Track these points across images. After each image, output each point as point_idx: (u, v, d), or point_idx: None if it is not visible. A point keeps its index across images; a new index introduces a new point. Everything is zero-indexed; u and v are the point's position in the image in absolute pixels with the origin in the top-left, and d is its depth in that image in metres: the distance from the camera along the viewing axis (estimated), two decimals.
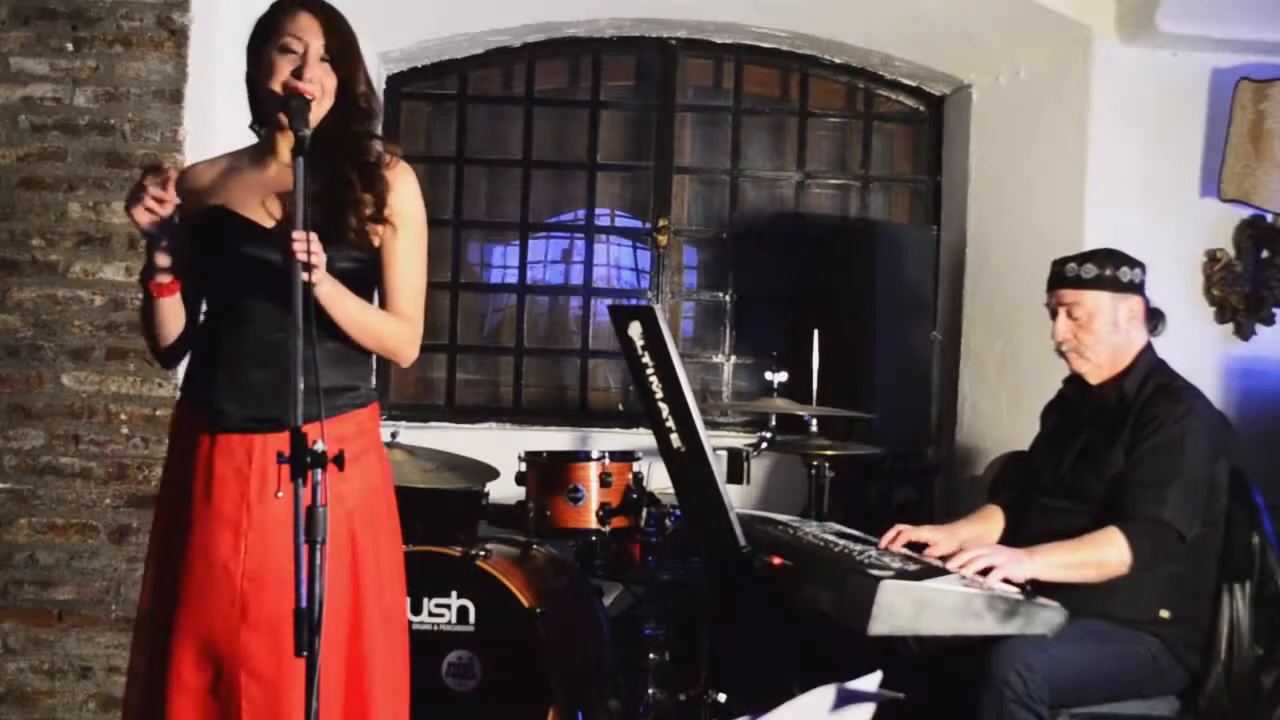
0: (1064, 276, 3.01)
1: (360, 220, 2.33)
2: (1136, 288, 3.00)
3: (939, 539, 3.01)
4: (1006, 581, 2.71)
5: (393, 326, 2.40)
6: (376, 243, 2.38)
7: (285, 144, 2.37)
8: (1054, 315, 3.03)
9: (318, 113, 2.30)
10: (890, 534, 3.03)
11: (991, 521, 3.19)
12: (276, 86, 2.29)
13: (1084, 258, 3.02)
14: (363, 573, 2.34)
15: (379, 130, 2.48)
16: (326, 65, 2.33)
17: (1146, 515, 2.80)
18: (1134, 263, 3.01)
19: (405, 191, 2.41)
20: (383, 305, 2.44)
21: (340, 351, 2.37)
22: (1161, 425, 2.88)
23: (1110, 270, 2.97)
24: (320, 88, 2.30)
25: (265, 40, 2.34)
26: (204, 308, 2.45)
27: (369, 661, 2.34)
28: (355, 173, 2.34)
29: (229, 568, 2.26)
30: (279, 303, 2.16)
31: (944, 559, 2.86)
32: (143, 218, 2.22)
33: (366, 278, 2.41)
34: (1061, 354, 3.05)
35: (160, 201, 2.20)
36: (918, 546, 2.99)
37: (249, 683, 2.24)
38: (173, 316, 2.37)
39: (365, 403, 2.42)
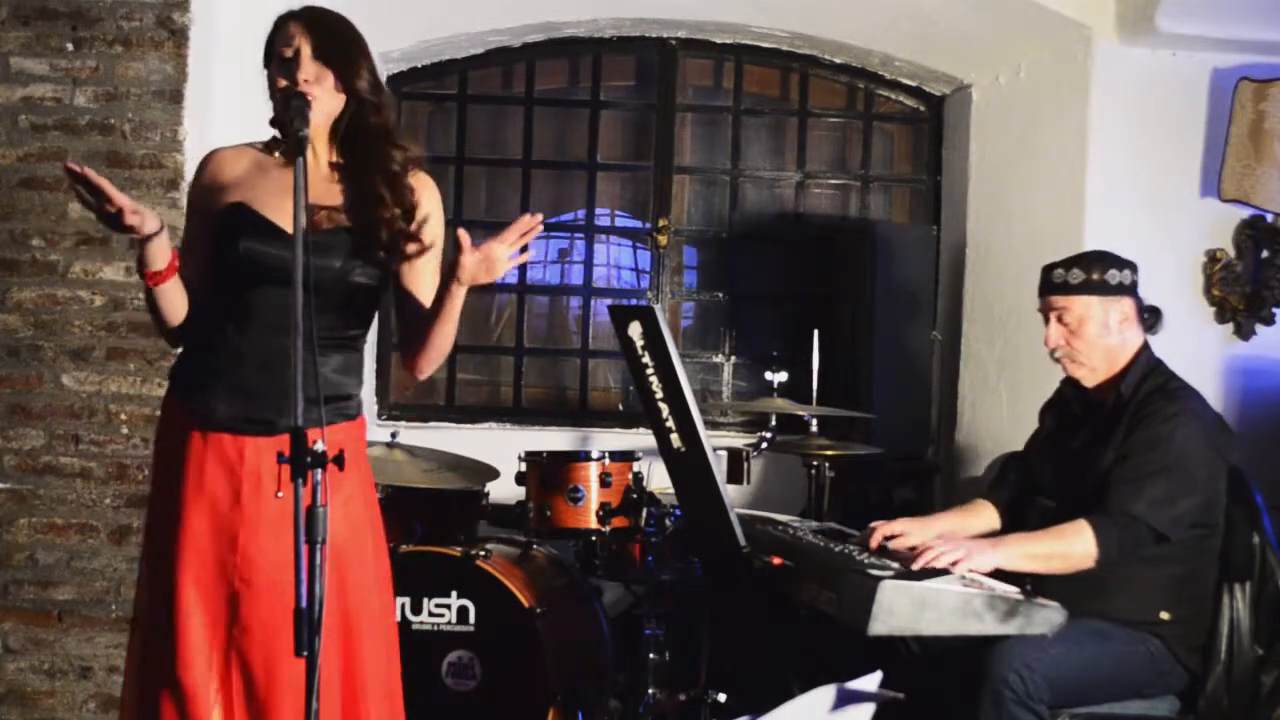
0: (1052, 283, 3.00)
1: (391, 235, 2.33)
2: (1127, 289, 2.99)
3: (913, 529, 3.02)
4: (1005, 580, 2.71)
5: None
6: (407, 254, 2.37)
7: (310, 153, 2.36)
8: (1046, 321, 3.02)
9: (326, 112, 2.32)
10: (866, 533, 3.03)
11: (976, 515, 3.19)
12: (277, 93, 2.32)
13: (1071, 262, 3.00)
14: (350, 579, 2.33)
15: (395, 121, 2.47)
16: (319, 64, 2.33)
17: (1118, 509, 2.79)
18: (1123, 264, 2.99)
19: (435, 209, 2.42)
20: (416, 318, 2.44)
21: (343, 361, 2.40)
22: (1151, 423, 2.87)
23: (1098, 274, 2.96)
24: (319, 87, 2.31)
25: (268, 62, 2.37)
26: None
27: (363, 668, 2.34)
28: (383, 184, 2.35)
29: (225, 567, 2.26)
30: (288, 307, 2.16)
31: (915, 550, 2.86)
32: (125, 220, 2.18)
33: (376, 299, 2.43)
34: (1056, 360, 3.04)
35: (106, 198, 2.14)
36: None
37: (240, 683, 2.25)
38: (176, 300, 2.34)
39: (359, 412, 2.45)
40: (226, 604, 2.26)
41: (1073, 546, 2.78)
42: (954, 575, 2.65)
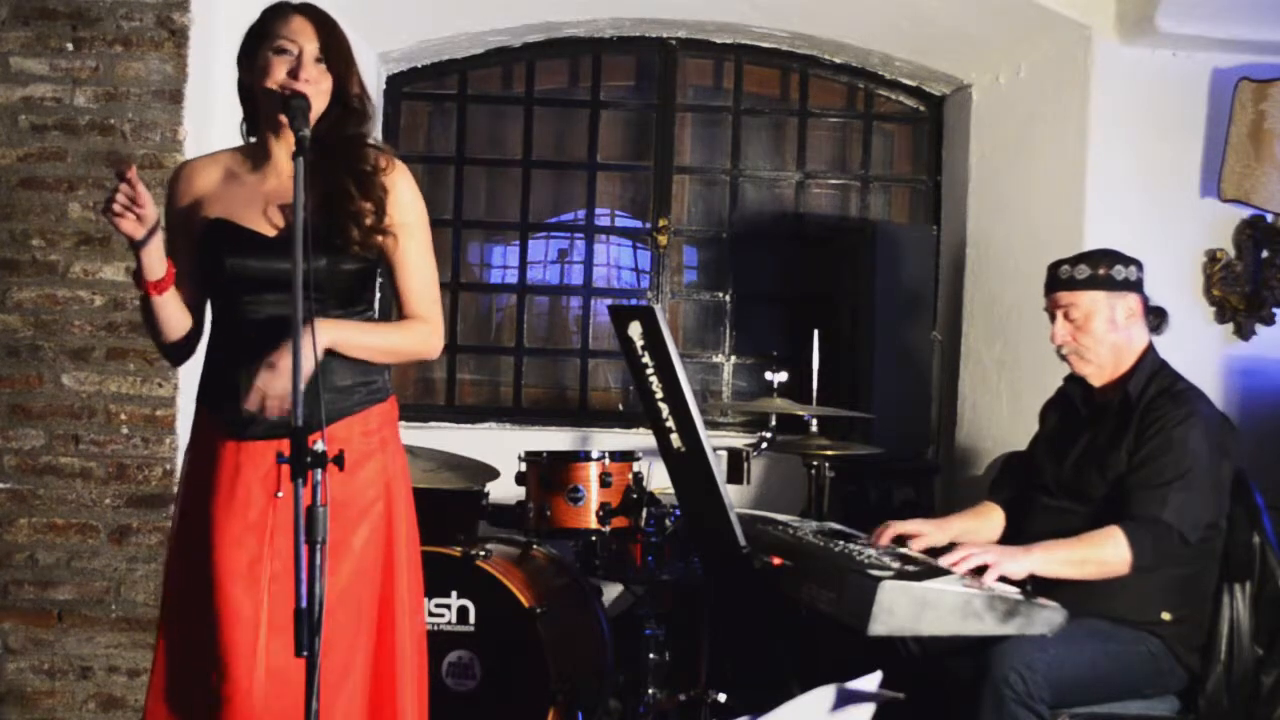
0: (1059, 279, 3.02)
1: (362, 229, 2.34)
2: (1133, 285, 3.00)
3: (928, 530, 3.05)
4: (1006, 580, 2.71)
5: (411, 335, 2.43)
6: (383, 245, 2.39)
7: (283, 151, 2.37)
8: (1052, 318, 3.03)
9: (313, 116, 2.31)
10: (879, 530, 3.05)
11: (986, 518, 3.20)
12: (272, 87, 2.30)
13: (1078, 259, 3.02)
14: (396, 560, 2.39)
15: (377, 131, 2.49)
16: (321, 67, 2.34)
17: (1147, 514, 2.80)
18: (1129, 261, 3.01)
19: (406, 196, 2.43)
20: (398, 307, 2.47)
21: None
22: (1164, 428, 2.87)
23: (1104, 269, 2.97)
24: (315, 88, 2.31)
25: (258, 44, 2.35)
26: (210, 314, 2.46)
27: (398, 649, 2.38)
28: (353, 183, 2.36)
29: (254, 571, 2.28)
30: (287, 309, 2.17)
31: (936, 553, 2.86)
32: (126, 225, 2.23)
33: (372, 278, 2.44)
34: (1062, 357, 3.05)
35: (135, 203, 2.22)
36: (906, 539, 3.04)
37: (270, 682, 2.25)
38: (173, 313, 2.36)
39: (384, 396, 2.45)
40: (261, 604, 2.28)
41: (1107, 552, 2.78)
42: (954, 575, 2.65)
